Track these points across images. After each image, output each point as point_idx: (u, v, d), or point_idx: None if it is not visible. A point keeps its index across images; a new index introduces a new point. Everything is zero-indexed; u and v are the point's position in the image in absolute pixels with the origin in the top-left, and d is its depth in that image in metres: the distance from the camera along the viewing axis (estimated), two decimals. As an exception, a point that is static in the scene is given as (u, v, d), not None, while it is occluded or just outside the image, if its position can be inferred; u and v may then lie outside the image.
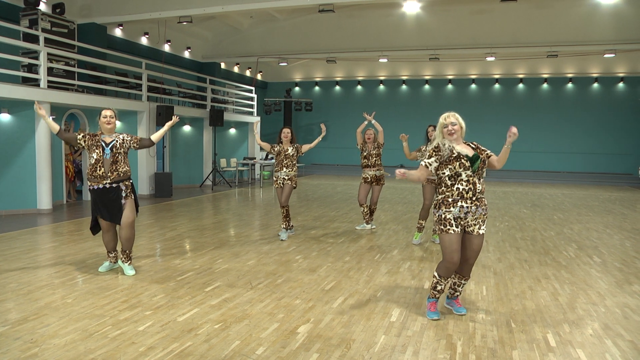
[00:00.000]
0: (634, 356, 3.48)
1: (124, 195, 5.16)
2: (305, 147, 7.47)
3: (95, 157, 5.08)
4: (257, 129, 7.66)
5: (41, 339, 3.58)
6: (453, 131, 3.86)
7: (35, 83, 9.48)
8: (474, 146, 3.98)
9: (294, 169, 7.34)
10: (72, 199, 10.95)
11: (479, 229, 3.92)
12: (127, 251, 5.30)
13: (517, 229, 8.48)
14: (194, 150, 14.96)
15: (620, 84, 19.20)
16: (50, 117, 9.54)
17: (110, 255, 5.43)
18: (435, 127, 6.59)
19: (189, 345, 3.52)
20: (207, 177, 14.96)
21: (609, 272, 5.70)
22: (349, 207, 10.67)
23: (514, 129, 3.64)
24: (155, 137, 5.50)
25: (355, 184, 15.57)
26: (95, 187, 5.10)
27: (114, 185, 5.11)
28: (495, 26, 16.24)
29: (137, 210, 5.31)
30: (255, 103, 18.53)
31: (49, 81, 9.61)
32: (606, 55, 16.26)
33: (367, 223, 8.12)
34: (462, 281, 4.17)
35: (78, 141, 5.17)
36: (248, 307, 4.31)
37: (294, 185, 7.31)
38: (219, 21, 16.78)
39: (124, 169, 5.17)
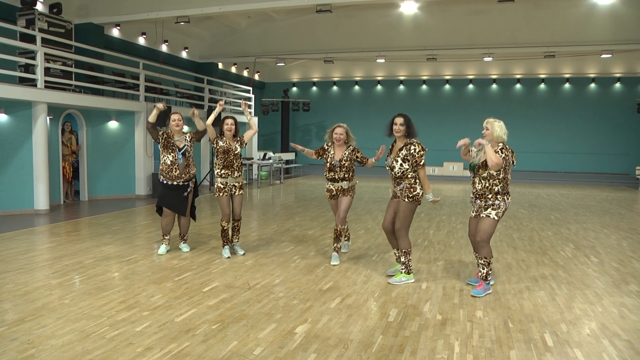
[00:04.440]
0: (630, 356, 3.49)
1: (189, 190, 6.12)
2: (247, 135, 6.04)
3: (170, 159, 5.94)
4: (218, 110, 5.85)
5: (38, 339, 3.57)
6: (484, 135, 4.74)
7: (32, 83, 9.45)
8: (501, 151, 4.64)
9: (242, 172, 6.05)
10: (70, 200, 10.92)
11: (481, 212, 4.76)
12: (184, 235, 6.39)
13: (515, 229, 8.49)
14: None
15: (617, 84, 19.25)
16: (48, 118, 9.62)
17: (166, 237, 6.22)
18: (404, 117, 5.86)
19: (187, 346, 3.52)
20: (204, 178, 14.93)
21: (606, 272, 5.72)
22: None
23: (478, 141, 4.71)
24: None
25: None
26: (169, 183, 6.00)
27: (185, 183, 6.05)
28: (492, 26, 16.28)
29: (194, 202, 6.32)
30: (252, 103, 18.52)
31: (46, 81, 9.58)
32: (603, 56, 16.31)
33: (338, 250, 5.98)
34: (477, 259, 4.82)
35: (158, 136, 5.96)
36: (246, 308, 4.31)
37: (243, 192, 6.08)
38: (217, 21, 16.77)
39: (194, 171, 6.14)
